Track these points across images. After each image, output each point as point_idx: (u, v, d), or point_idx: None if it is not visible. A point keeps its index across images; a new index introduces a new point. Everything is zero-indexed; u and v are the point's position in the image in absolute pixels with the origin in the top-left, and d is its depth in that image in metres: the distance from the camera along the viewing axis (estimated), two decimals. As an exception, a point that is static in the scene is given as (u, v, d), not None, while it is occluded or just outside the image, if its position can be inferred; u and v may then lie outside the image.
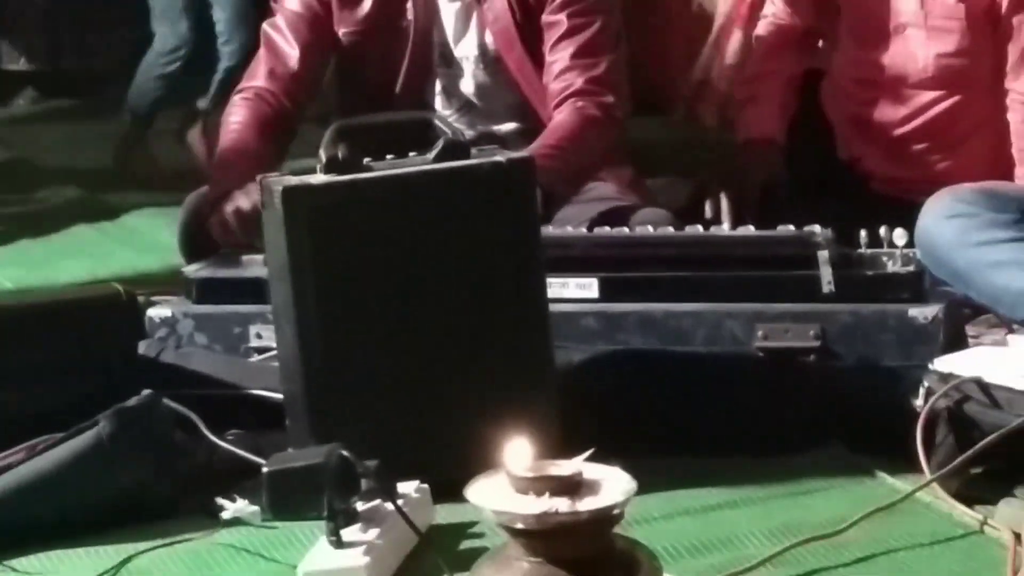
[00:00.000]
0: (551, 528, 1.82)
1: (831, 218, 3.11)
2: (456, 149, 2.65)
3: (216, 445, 2.62)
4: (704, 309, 2.98)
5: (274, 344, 2.77)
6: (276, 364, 2.74)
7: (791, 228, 3.10)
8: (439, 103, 3.52)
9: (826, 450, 2.74)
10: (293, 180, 2.60)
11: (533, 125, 3.43)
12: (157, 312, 3.07)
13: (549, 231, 2.98)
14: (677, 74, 5.71)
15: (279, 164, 3.44)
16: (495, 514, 1.85)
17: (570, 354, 2.83)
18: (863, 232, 3.06)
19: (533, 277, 2.66)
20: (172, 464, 2.59)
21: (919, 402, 2.65)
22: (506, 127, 3.48)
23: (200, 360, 2.97)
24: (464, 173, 2.64)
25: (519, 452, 1.86)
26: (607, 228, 3.20)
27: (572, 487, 1.84)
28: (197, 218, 3.30)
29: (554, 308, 2.73)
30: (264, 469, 2.43)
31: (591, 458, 1.89)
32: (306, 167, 2.65)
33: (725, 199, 3.67)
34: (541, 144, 3.30)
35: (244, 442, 2.63)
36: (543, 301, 2.67)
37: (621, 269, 3.05)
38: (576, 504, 1.82)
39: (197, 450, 2.62)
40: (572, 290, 2.98)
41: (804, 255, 3.02)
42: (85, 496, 2.51)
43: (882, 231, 3.06)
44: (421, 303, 2.59)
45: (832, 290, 2.98)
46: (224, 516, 2.53)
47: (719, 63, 5.42)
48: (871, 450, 2.71)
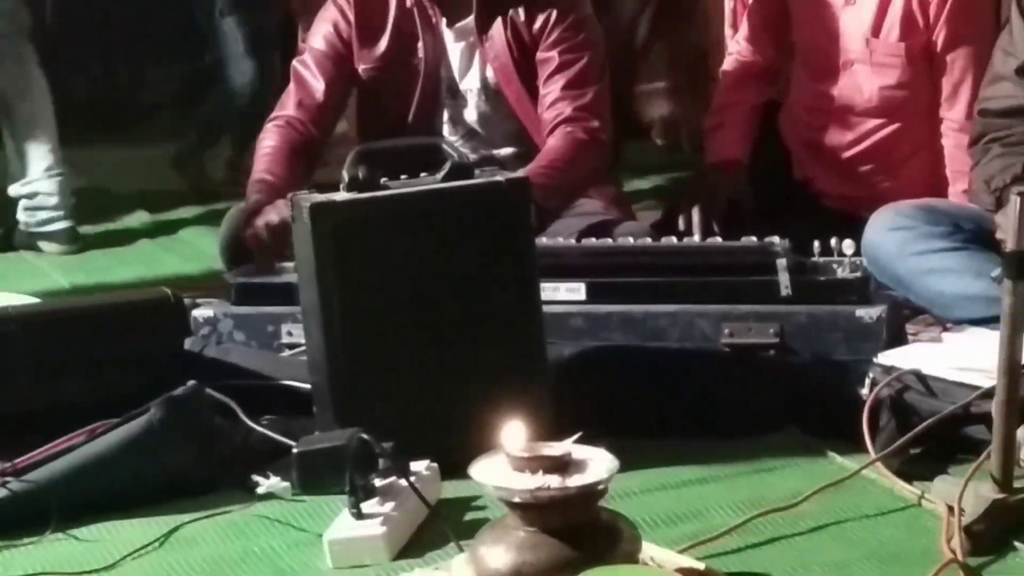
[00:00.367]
0: (544, 502, 1.82)
1: (788, 230, 3.09)
2: (461, 171, 2.65)
3: (252, 429, 2.62)
4: (678, 310, 2.97)
5: (303, 341, 2.76)
6: (304, 358, 2.75)
7: (753, 239, 3.09)
8: (446, 130, 3.51)
9: (783, 433, 2.73)
10: (319, 198, 2.59)
11: (529, 149, 3.43)
12: (201, 312, 3.06)
13: (542, 242, 2.98)
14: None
15: (306, 183, 3.44)
16: (495, 489, 1.85)
17: (561, 349, 2.82)
18: (816, 243, 3.06)
19: (528, 282, 2.66)
20: (213, 446, 2.59)
21: (865, 391, 2.66)
22: (505, 151, 3.48)
23: (238, 355, 2.97)
24: (468, 192, 2.63)
25: (516, 435, 1.86)
26: (593, 239, 3.20)
27: (562, 466, 1.83)
28: (236, 231, 3.30)
29: (547, 309, 2.73)
30: (294, 450, 2.43)
31: (579, 440, 1.89)
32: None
33: (696, 214, 3.67)
34: (536, 165, 3.30)
35: (276, 426, 2.63)
36: (537, 303, 2.67)
37: (605, 275, 3.04)
38: (566, 481, 1.82)
39: (235, 433, 2.62)
40: (562, 293, 2.98)
41: (765, 263, 3.02)
42: (138, 474, 2.51)
43: (832, 242, 3.05)
44: (431, 305, 2.59)
45: (789, 293, 2.98)
46: (259, 491, 2.52)
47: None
48: (823, 433, 2.70)
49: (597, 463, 1.86)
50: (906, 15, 3.59)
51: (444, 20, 3.47)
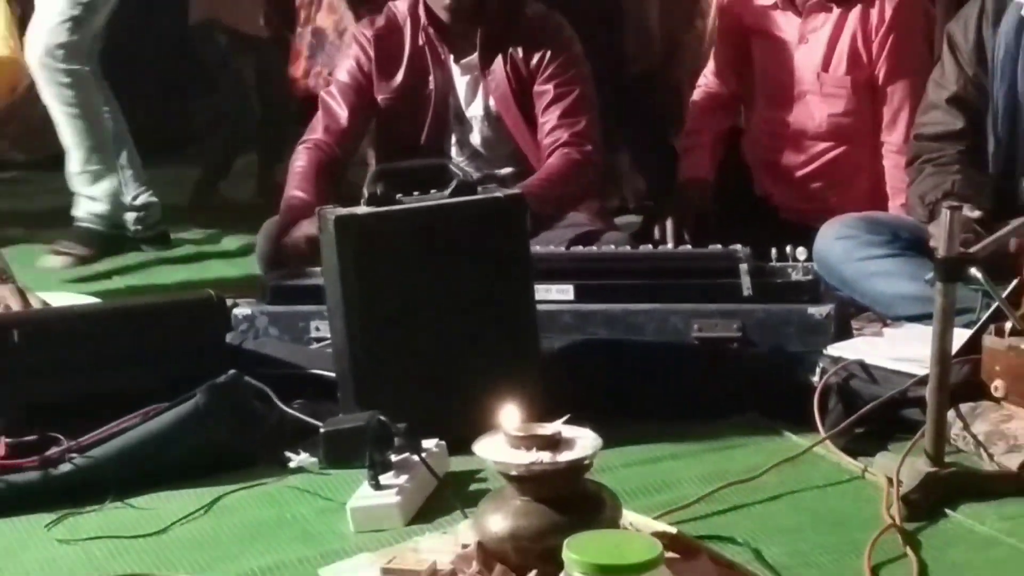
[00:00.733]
0: (537, 474, 1.81)
1: (749, 239, 3.09)
2: (466, 187, 2.65)
3: (284, 412, 2.60)
4: (653, 308, 2.97)
5: (328, 335, 2.76)
6: (330, 351, 2.74)
7: (719, 247, 3.08)
8: (454, 152, 3.50)
9: (745, 415, 2.73)
10: (343, 211, 2.59)
11: (525, 169, 3.43)
12: (240, 311, 3.06)
13: (536, 249, 2.96)
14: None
15: (332, 196, 3.45)
16: (495, 464, 1.84)
17: (552, 342, 2.82)
18: (773, 250, 3.06)
19: (523, 284, 2.66)
20: (251, 426, 2.59)
21: (815, 379, 2.67)
22: (504, 170, 3.48)
23: (272, 347, 2.96)
24: (472, 206, 2.63)
25: (512, 416, 1.85)
26: (580, 247, 3.20)
27: (553, 443, 1.82)
28: (271, 239, 3.30)
29: (540, 308, 2.72)
30: (321, 430, 2.43)
31: (567, 421, 1.88)
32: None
33: (670, 225, 3.67)
34: (535, 177, 3.32)
35: (305, 409, 2.61)
36: (531, 302, 2.67)
37: (591, 278, 3.04)
38: (556, 456, 1.81)
39: (270, 415, 2.60)
40: (554, 294, 2.97)
41: (729, 267, 3.02)
42: (185, 450, 2.51)
43: (788, 249, 3.06)
44: (439, 304, 2.58)
45: (750, 293, 2.98)
46: (291, 465, 2.52)
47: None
48: (779, 415, 2.70)
49: (583, 441, 1.85)
50: (852, 52, 3.59)
51: (452, 56, 3.46)
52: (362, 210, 2.59)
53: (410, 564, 1.88)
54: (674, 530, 1.98)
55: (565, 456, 1.81)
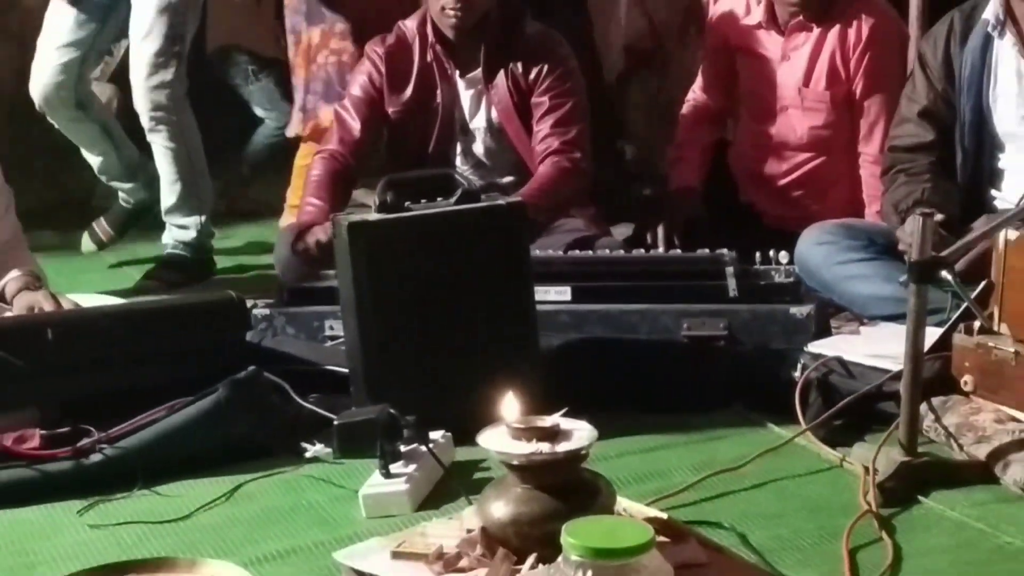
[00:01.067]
0: (537, 464, 1.81)
1: (735, 244, 3.09)
2: (470, 195, 2.65)
3: (301, 405, 2.61)
4: (646, 308, 2.96)
5: (342, 334, 2.76)
6: (343, 348, 2.74)
7: (707, 251, 3.09)
8: (459, 161, 3.50)
9: (731, 408, 2.73)
10: (355, 217, 2.60)
11: (526, 177, 3.42)
12: (259, 311, 3.05)
13: (535, 253, 2.97)
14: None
15: (345, 203, 3.45)
16: (497, 454, 1.84)
17: (550, 340, 2.81)
18: (757, 254, 3.07)
19: (524, 285, 2.66)
20: (269, 419, 2.59)
21: (797, 374, 2.67)
22: (506, 179, 3.47)
23: (289, 345, 2.96)
24: (475, 213, 2.63)
25: (514, 410, 1.85)
26: (577, 251, 3.19)
27: (552, 435, 1.83)
28: (288, 244, 3.30)
29: (539, 308, 2.72)
30: (335, 422, 2.44)
31: (565, 414, 1.88)
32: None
33: (661, 230, 3.67)
34: (529, 187, 3.32)
35: (320, 403, 2.62)
36: (531, 303, 2.67)
37: (587, 280, 3.04)
38: (555, 447, 1.81)
39: (287, 408, 2.61)
40: (552, 295, 2.97)
41: (716, 270, 3.02)
42: (208, 441, 2.51)
43: (771, 253, 3.07)
44: (445, 304, 2.58)
45: (736, 295, 2.98)
46: (306, 455, 2.54)
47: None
48: (763, 408, 2.70)
49: (580, 433, 1.85)
50: (831, 69, 3.59)
51: (457, 72, 3.46)
52: (373, 217, 2.59)
53: (418, 548, 1.88)
54: (665, 516, 1.99)
55: (563, 447, 1.82)
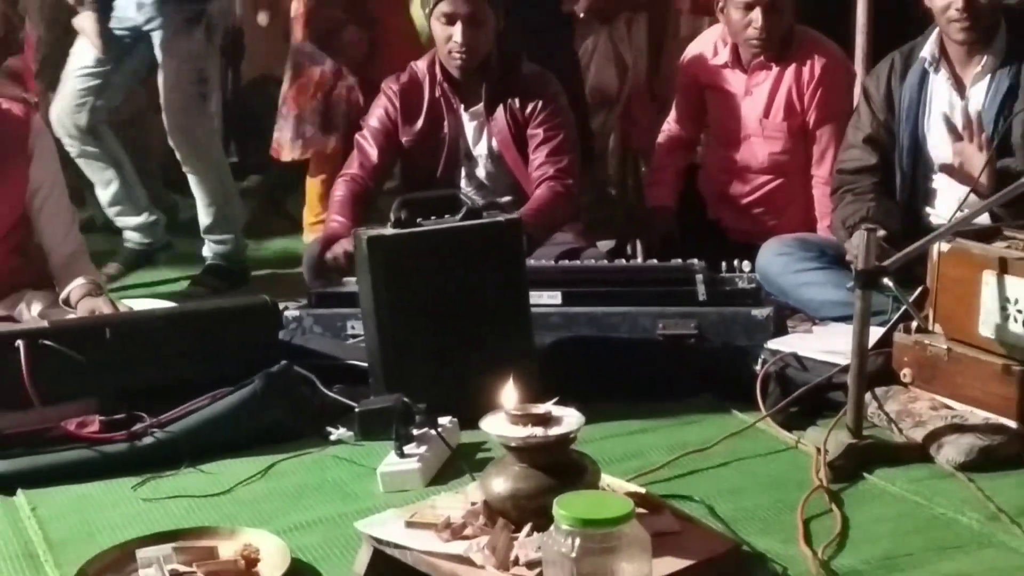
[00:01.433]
0: (532, 445, 1.81)
1: (703, 255, 3.09)
2: (473, 213, 2.65)
3: (326, 395, 2.61)
4: (627, 310, 2.96)
5: (362, 332, 2.76)
6: (363, 345, 2.74)
7: (679, 261, 3.08)
8: (463, 183, 3.48)
9: (700, 397, 2.73)
10: (373, 232, 2.59)
11: (522, 197, 3.41)
12: (290, 312, 3.04)
13: (530, 262, 2.96)
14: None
15: (365, 220, 3.44)
16: (498, 437, 1.83)
17: (544, 338, 2.81)
18: (723, 263, 3.06)
19: (520, 291, 2.66)
20: (299, 407, 2.59)
21: (758, 367, 2.68)
22: (504, 199, 3.44)
23: (316, 342, 2.96)
24: (478, 228, 2.63)
25: (512, 398, 1.85)
26: (566, 261, 3.20)
27: (545, 420, 1.82)
28: (315, 256, 3.29)
29: (534, 310, 2.73)
30: (356, 409, 2.44)
31: (556, 402, 1.88)
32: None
33: (640, 243, 3.66)
34: (528, 208, 3.30)
35: (343, 392, 2.61)
36: (527, 305, 2.67)
37: (575, 286, 3.03)
38: (547, 431, 1.81)
39: (314, 397, 2.61)
40: (545, 299, 2.96)
41: (687, 277, 3.02)
42: (245, 426, 2.52)
43: (735, 263, 3.06)
44: (451, 307, 2.58)
45: (704, 299, 2.98)
46: (331, 438, 2.54)
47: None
48: (728, 397, 2.69)
49: (569, 418, 1.84)
50: (788, 103, 3.58)
51: (462, 106, 3.45)
52: (389, 231, 2.59)
53: (429, 518, 1.88)
54: (643, 490, 1.98)
55: (555, 430, 1.81)
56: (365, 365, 2.68)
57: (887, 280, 2.41)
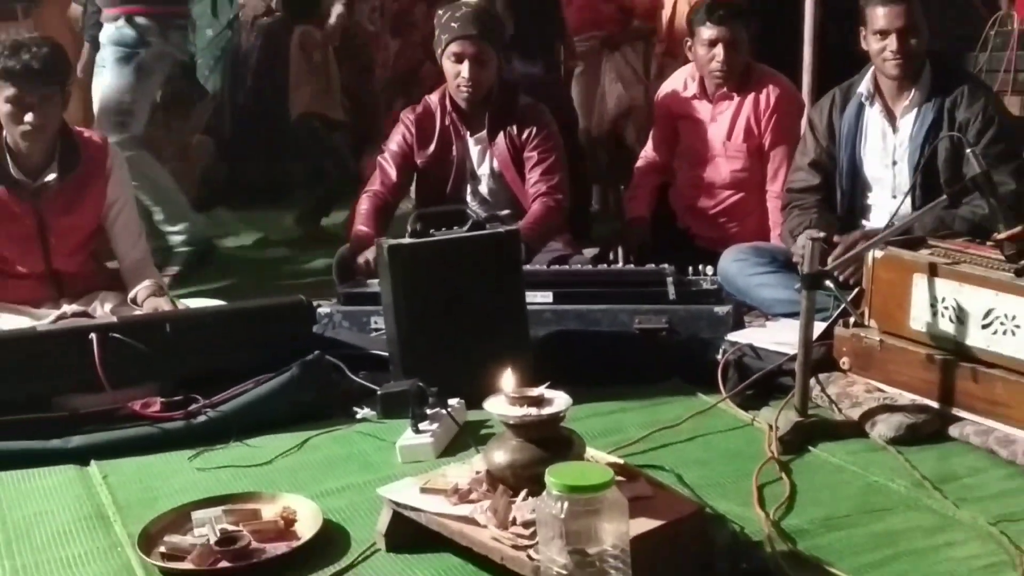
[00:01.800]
0: (528, 423, 1.81)
1: (673, 260, 3.09)
2: (477, 225, 2.65)
3: (353, 380, 2.62)
4: (608, 308, 2.96)
5: (383, 327, 2.76)
6: (384, 337, 2.74)
7: (653, 266, 3.08)
8: (469, 199, 3.47)
9: (671, 381, 2.73)
10: (393, 241, 2.60)
11: (519, 211, 3.40)
12: (322, 310, 3.03)
13: (526, 267, 2.96)
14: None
15: (386, 231, 3.44)
16: (498, 416, 1.84)
17: (537, 332, 2.81)
18: (690, 268, 3.07)
19: (517, 291, 2.66)
20: (330, 390, 2.59)
21: (719, 356, 2.68)
22: (504, 212, 3.44)
23: (345, 335, 2.96)
24: (481, 238, 2.64)
25: (510, 383, 1.85)
26: (557, 266, 3.19)
27: (538, 401, 1.82)
28: (343, 261, 3.29)
29: (529, 308, 2.72)
30: (378, 392, 2.46)
31: (548, 386, 1.88)
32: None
33: (620, 250, 3.67)
34: (525, 222, 3.29)
35: (368, 378, 2.62)
36: (523, 304, 2.67)
37: (565, 287, 3.03)
38: (541, 411, 1.81)
39: (343, 382, 2.62)
40: (538, 298, 2.95)
41: (659, 279, 3.02)
42: (284, 406, 2.52)
43: (700, 267, 3.07)
44: (458, 305, 2.58)
45: (674, 298, 2.98)
46: (357, 417, 2.55)
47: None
48: (695, 381, 2.70)
49: (559, 400, 1.84)
50: (747, 127, 3.59)
51: (468, 133, 3.45)
52: (406, 240, 2.60)
53: (440, 485, 1.88)
54: (621, 461, 1.98)
55: (547, 410, 1.81)
56: (386, 354, 2.69)
57: (828, 282, 2.44)
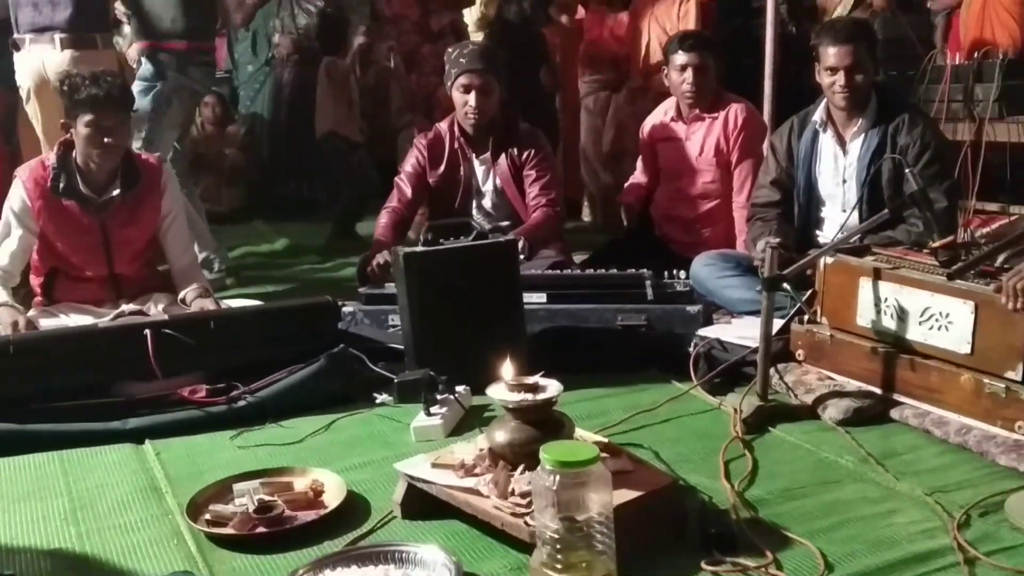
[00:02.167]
0: (525, 407, 1.81)
1: (651, 265, 3.09)
2: (481, 235, 2.67)
3: (373, 369, 2.61)
4: (595, 307, 2.96)
5: (399, 324, 2.76)
6: (400, 333, 2.73)
7: (633, 270, 3.08)
8: (474, 213, 3.46)
9: (649, 371, 2.73)
10: (407, 249, 2.60)
11: (519, 222, 3.41)
12: (346, 308, 3.03)
13: (524, 272, 2.95)
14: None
15: (402, 241, 3.44)
16: (499, 401, 1.83)
17: (533, 328, 2.81)
18: (666, 272, 3.07)
19: (515, 292, 2.66)
20: (353, 379, 2.59)
21: (691, 349, 2.68)
22: (505, 223, 3.47)
23: (366, 331, 2.95)
24: (485, 247, 2.64)
25: (509, 372, 1.85)
26: (550, 270, 3.19)
27: (534, 388, 1.82)
28: (364, 266, 3.29)
29: (526, 307, 2.71)
30: (395, 380, 2.46)
31: (543, 376, 1.87)
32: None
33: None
34: (527, 226, 3.30)
35: (386, 368, 2.62)
36: (520, 304, 2.67)
37: (557, 289, 3.03)
38: (536, 396, 1.81)
39: (365, 372, 2.61)
40: (534, 299, 2.95)
41: (639, 282, 3.02)
42: (313, 393, 2.52)
43: (675, 271, 3.07)
44: (464, 305, 2.58)
45: (652, 298, 2.98)
46: (377, 402, 2.55)
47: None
48: (670, 371, 2.69)
49: (552, 386, 1.84)
50: (717, 145, 3.58)
51: (474, 154, 3.45)
52: (419, 249, 2.60)
53: (448, 461, 1.88)
54: (606, 440, 1.99)
55: (542, 395, 1.81)
56: (401, 347, 2.69)
57: (786, 285, 2.44)
